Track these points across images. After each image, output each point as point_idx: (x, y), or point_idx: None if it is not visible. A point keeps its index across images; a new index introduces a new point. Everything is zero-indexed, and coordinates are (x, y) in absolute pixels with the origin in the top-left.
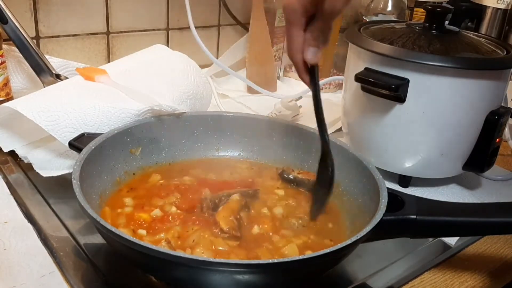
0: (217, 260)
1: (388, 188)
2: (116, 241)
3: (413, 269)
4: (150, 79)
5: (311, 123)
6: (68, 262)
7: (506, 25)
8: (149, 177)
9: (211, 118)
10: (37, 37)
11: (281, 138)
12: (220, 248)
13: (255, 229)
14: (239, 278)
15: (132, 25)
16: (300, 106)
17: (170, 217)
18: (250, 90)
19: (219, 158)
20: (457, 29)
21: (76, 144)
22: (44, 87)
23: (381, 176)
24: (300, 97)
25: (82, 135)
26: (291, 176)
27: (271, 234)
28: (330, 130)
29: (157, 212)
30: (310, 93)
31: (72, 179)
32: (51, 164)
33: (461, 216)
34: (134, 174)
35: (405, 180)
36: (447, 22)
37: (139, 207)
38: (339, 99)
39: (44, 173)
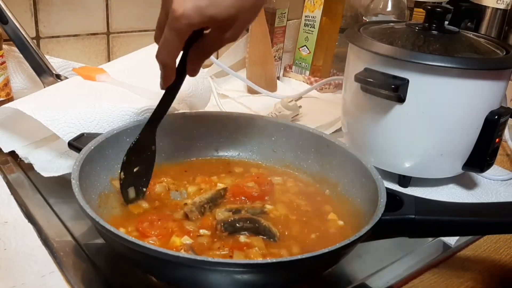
0: (216, 260)
1: (387, 188)
2: (115, 241)
3: (413, 269)
4: (150, 78)
5: (311, 123)
6: (68, 262)
7: (506, 25)
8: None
9: (211, 118)
10: (37, 37)
11: (280, 138)
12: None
13: None
14: (238, 277)
15: (132, 26)
16: (300, 106)
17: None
18: (250, 90)
19: (219, 158)
20: (456, 29)
21: (76, 144)
22: (44, 87)
23: (380, 176)
24: (300, 97)
25: (82, 135)
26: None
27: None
28: (330, 130)
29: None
30: (311, 93)
31: (71, 179)
32: (52, 164)
33: (460, 216)
34: None
35: (404, 180)
36: (446, 22)
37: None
38: (339, 99)
39: (45, 174)
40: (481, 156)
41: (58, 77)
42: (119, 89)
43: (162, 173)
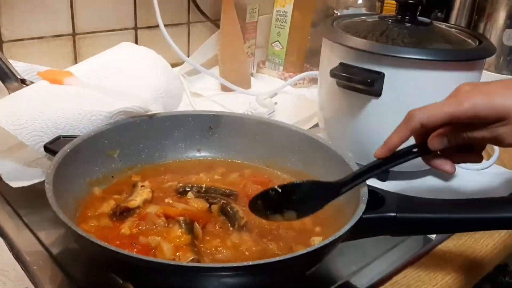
0: (193, 264)
1: (368, 186)
2: (92, 249)
3: (396, 265)
4: (120, 79)
5: (288, 119)
6: (43, 275)
7: (476, 14)
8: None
9: (191, 118)
10: (0, 41)
11: (263, 137)
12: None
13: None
14: (219, 281)
15: (99, 25)
16: (276, 103)
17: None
18: (224, 88)
19: (201, 159)
20: (428, 20)
21: (52, 147)
22: (9, 93)
23: None
24: (275, 94)
25: (58, 137)
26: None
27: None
28: (307, 126)
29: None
30: (285, 89)
31: (45, 184)
32: (21, 174)
33: (441, 213)
34: (112, 177)
35: (383, 174)
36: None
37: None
38: (314, 94)
39: (14, 184)
40: None
41: (23, 82)
42: (89, 92)
43: (137, 174)
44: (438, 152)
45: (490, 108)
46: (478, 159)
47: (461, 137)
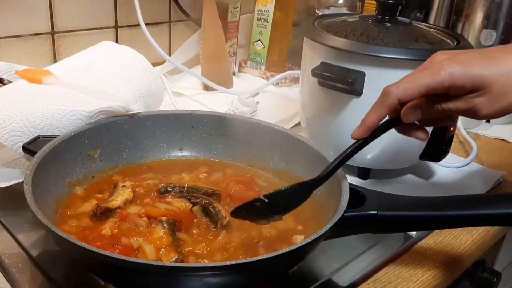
0: (175, 264)
1: (350, 184)
2: (72, 250)
3: (378, 262)
4: (100, 78)
5: (270, 118)
6: (22, 278)
7: (454, 14)
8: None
9: (173, 117)
10: None
11: (245, 136)
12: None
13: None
14: (201, 281)
15: (79, 24)
16: (258, 102)
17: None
18: (206, 87)
19: (183, 159)
20: (408, 20)
21: (30, 147)
22: None
23: (343, 173)
24: (257, 93)
25: (37, 137)
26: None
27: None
28: (289, 125)
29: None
30: (267, 88)
31: (24, 185)
32: None
33: (421, 210)
34: (93, 177)
35: (364, 172)
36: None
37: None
38: (295, 93)
39: None
40: (437, 145)
41: (1, 81)
42: (68, 92)
43: (118, 174)
44: None
45: (467, 77)
46: (452, 123)
47: (435, 109)
